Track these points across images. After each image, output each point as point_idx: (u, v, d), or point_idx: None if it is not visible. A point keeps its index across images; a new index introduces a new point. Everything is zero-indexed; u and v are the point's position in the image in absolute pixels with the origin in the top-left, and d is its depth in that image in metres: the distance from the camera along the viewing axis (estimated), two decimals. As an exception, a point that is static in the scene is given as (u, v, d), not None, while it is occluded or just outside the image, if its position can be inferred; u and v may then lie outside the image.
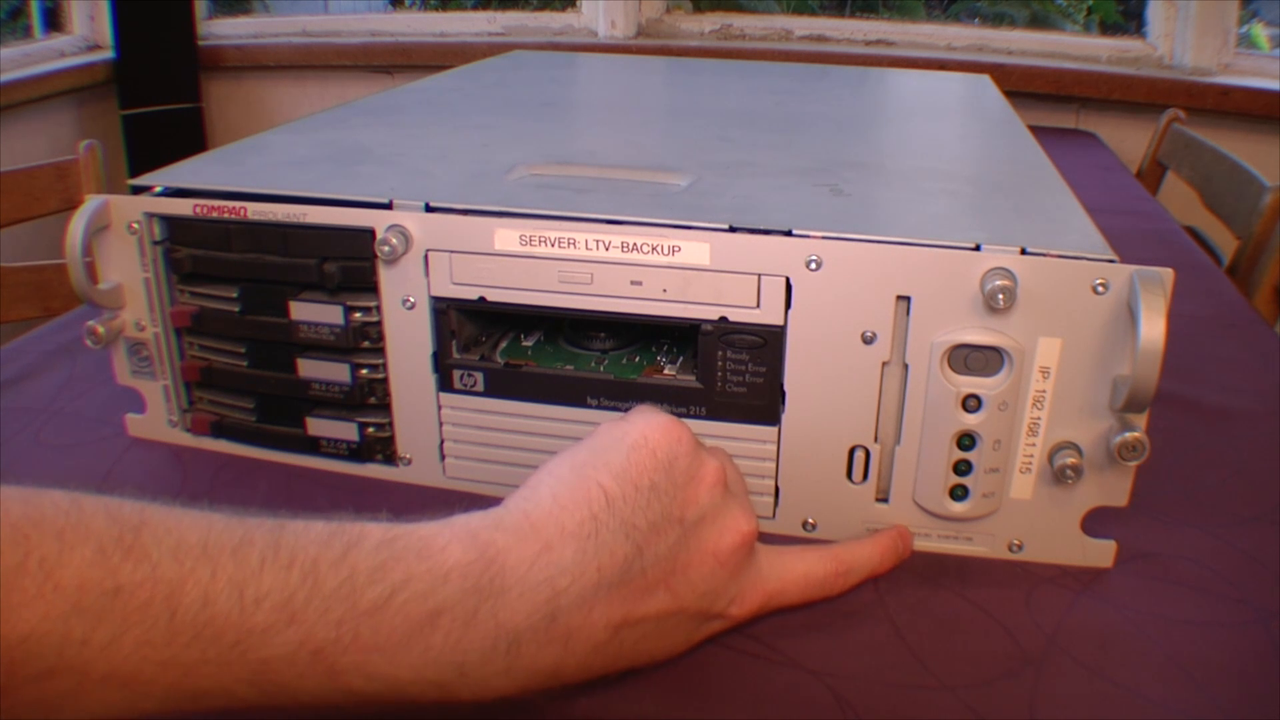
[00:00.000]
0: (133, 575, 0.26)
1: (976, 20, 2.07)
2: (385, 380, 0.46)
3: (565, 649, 0.30)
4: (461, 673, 0.29)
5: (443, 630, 0.29)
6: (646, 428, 0.34)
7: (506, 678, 0.30)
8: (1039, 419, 0.40)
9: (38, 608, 0.25)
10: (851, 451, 0.42)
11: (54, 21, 1.70)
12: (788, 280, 0.40)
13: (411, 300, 0.44)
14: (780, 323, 0.40)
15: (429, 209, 0.42)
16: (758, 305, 0.40)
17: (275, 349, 0.46)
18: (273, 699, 0.28)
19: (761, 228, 0.40)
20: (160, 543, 0.27)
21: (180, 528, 0.28)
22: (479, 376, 0.44)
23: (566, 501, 0.32)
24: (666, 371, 0.44)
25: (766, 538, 0.39)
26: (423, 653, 0.28)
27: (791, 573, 0.37)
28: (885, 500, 0.42)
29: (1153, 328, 0.35)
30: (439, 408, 0.45)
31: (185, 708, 0.27)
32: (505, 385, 0.44)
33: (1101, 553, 0.42)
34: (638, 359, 0.45)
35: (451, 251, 0.42)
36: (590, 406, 0.44)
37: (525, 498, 0.32)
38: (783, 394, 0.41)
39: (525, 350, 0.46)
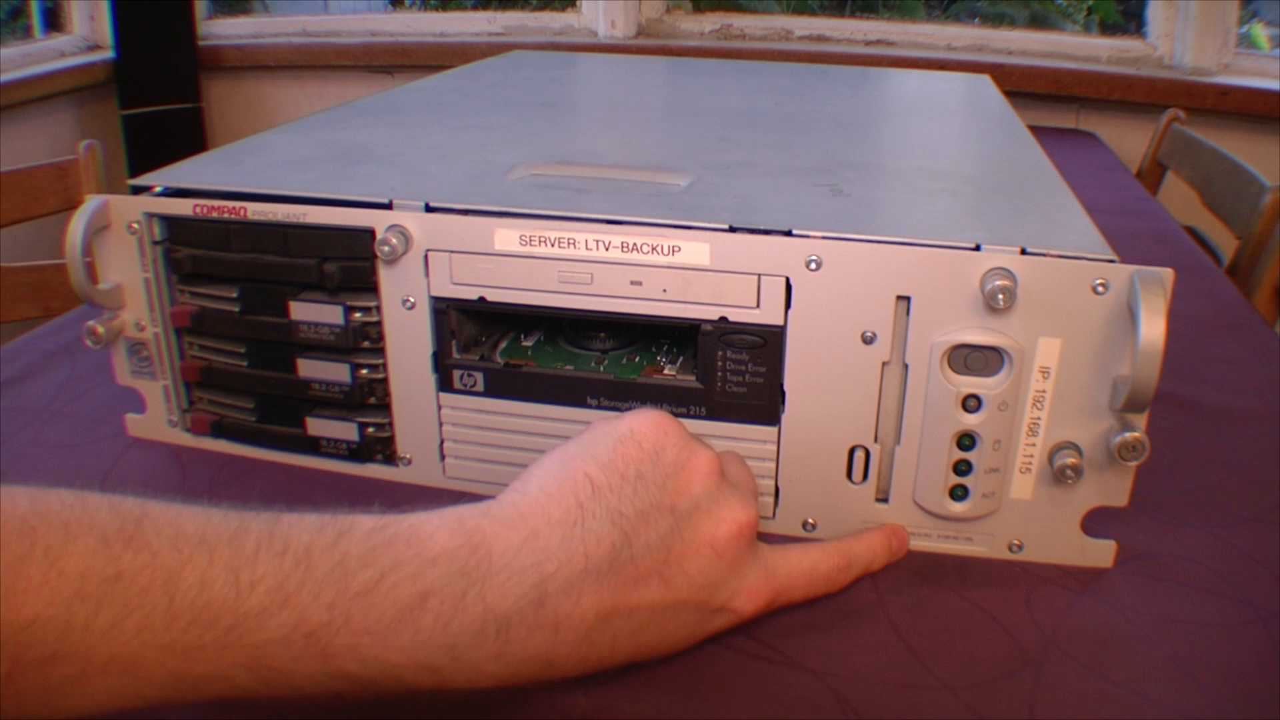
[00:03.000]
0: (133, 562, 0.27)
1: (976, 20, 2.07)
2: (385, 380, 0.46)
3: (555, 636, 0.31)
4: (453, 656, 0.30)
5: (431, 612, 0.29)
6: (634, 421, 0.34)
7: (498, 663, 0.30)
8: (1039, 419, 0.40)
9: (43, 593, 0.26)
10: (851, 451, 0.42)
11: (54, 21, 1.70)
12: (788, 280, 0.40)
13: (411, 300, 0.44)
14: (780, 323, 0.40)
15: (429, 209, 0.42)
16: (758, 305, 0.40)
17: (275, 349, 0.46)
18: (271, 686, 0.28)
19: (761, 228, 0.40)
20: (160, 533, 0.28)
21: (180, 519, 0.29)
22: (479, 376, 0.44)
23: (553, 491, 0.32)
24: (666, 371, 0.44)
25: (766, 538, 0.39)
26: (413, 635, 0.29)
27: (798, 568, 0.37)
28: (885, 500, 0.42)
29: (1153, 328, 0.35)
30: (439, 408, 0.45)
31: (188, 695, 0.28)
32: (505, 385, 0.44)
33: (1101, 553, 0.42)
34: (638, 359, 0.45)
35: (451, 251, 0.42)
36: (590, 406, 0.44)
37: (514, 490, 0.33)
38: (783, 394, 0.41)
39: (525, 350, 0.46)
